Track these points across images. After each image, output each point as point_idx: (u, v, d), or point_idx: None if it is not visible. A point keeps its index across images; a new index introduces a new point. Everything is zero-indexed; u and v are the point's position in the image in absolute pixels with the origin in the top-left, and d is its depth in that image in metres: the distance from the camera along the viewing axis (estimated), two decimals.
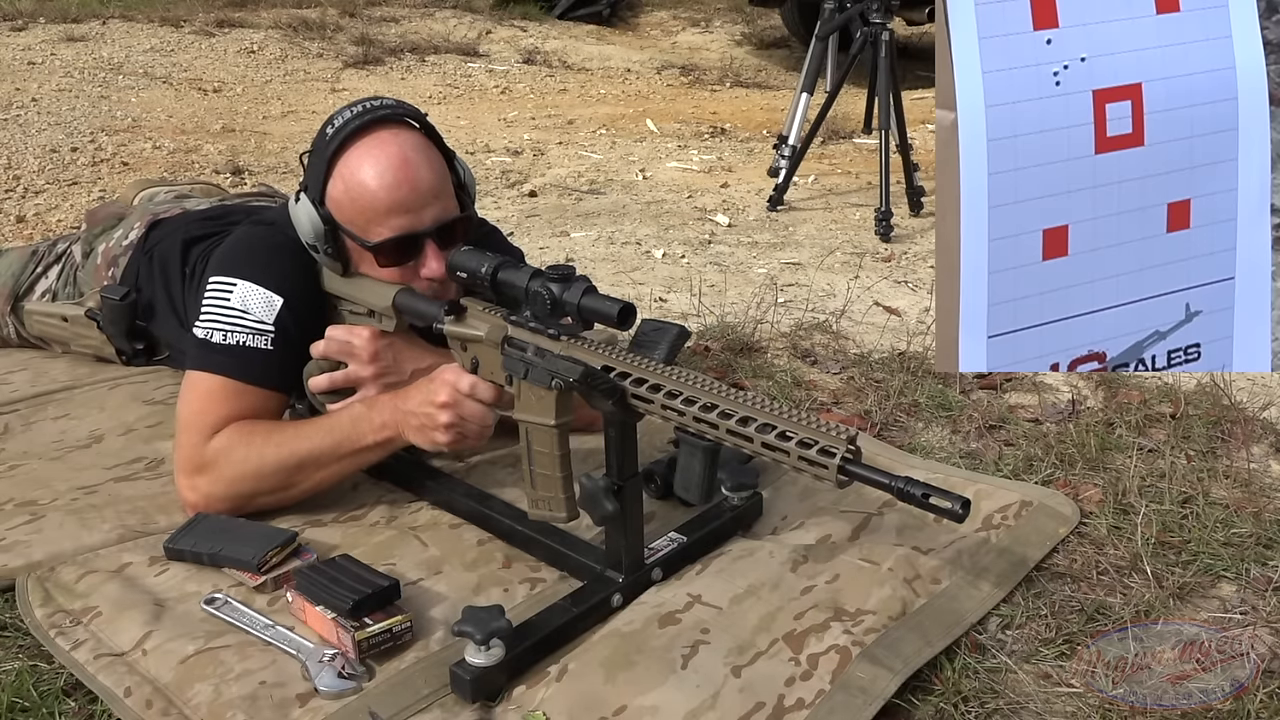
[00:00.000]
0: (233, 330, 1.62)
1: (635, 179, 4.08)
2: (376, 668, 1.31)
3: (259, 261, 1.67)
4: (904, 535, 1.60)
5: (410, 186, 1.57)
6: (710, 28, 7.82)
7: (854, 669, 1.30)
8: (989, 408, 2.08)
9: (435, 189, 1.60)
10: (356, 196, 1.58)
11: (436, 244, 1.60)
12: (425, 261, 1.61)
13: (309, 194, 1.62)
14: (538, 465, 1.46)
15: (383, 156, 1.57)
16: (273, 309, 1.63)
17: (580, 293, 1.39)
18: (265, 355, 1.63)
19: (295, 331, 1.65)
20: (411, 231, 1.59)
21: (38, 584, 1.47)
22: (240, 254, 1.70)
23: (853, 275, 2.94)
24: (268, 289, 1.64)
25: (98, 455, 1.84)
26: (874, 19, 3.44)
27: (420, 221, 1.59)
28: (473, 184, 1.73)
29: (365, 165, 1.57)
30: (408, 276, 1.62)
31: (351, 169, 1.58)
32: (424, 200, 1.58)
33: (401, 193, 1.56)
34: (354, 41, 6.28)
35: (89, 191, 3.58)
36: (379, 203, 1.56)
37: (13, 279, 2.22)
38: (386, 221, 1.57)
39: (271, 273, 1.65)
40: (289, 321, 1.64)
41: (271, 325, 1.63)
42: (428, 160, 1.61)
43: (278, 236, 1.71)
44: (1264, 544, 1.60)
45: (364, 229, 1.59)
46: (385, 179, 1.56)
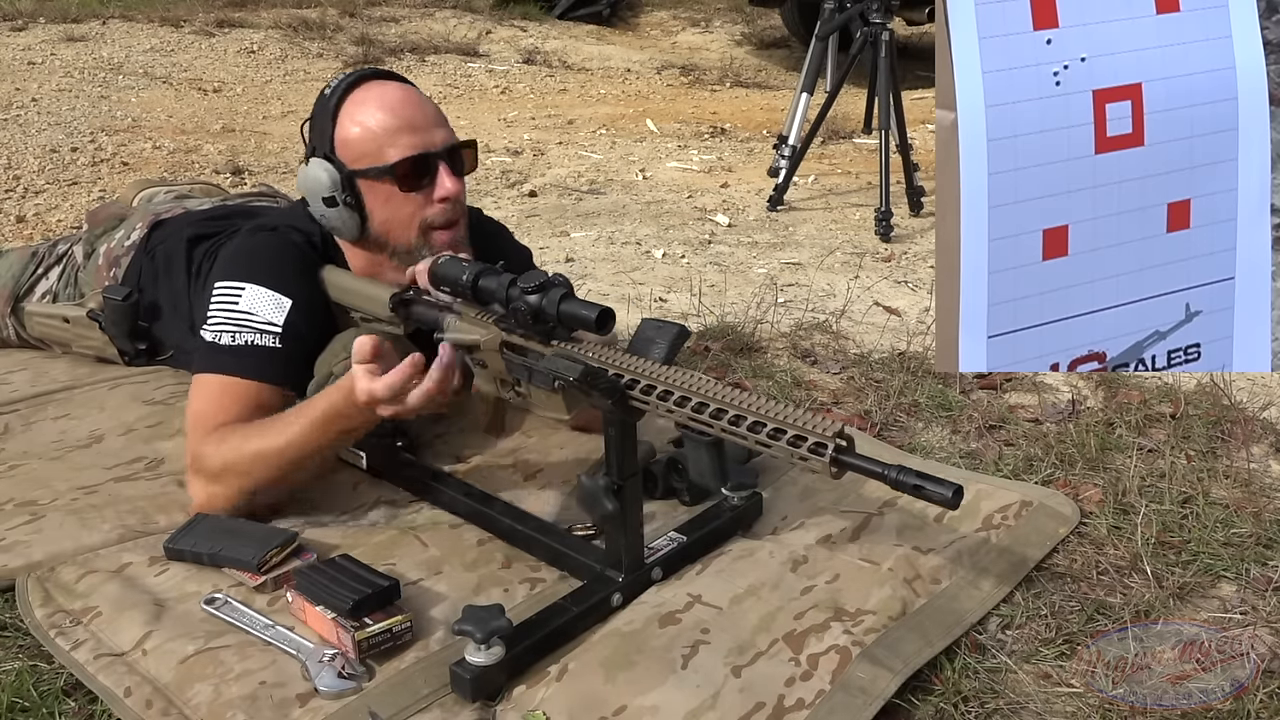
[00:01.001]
0: (240, 331, 1.64)
1: (635, 179, 4.08)
2: (376, 668, 1.31)
3: (265, 266, 1.69)
4: (904, 535, 1.60)
5: (418, 109, 1.67)
6: (710, 28, 7.83)
7: (854, 669, 1.30)
8: (989, 408, 2.08)
9: (440, 117, 1.70)
10: (367, 127, 1.65)
11: (449, 166, 1.66)
12: (439, 182, 1.66)
13: (318, 152, 1.68)
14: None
15: (385, 93, 1.67)
16: (282, 310, 1.66)
17: (558, 299, 1.39)
18: (272, 353, 1.64)
19: (306, 330, 1.67)
20: (425, 150, 1.65)
21: (38, 584, 1.47)
22: (246, 259, 1.72)
23: (853, 275, 2.94)
24: (276, 292, 1.66)
25: (98, 455, 1.84)
26: (874, 19, 3.44)
27: (432, 141, 1.66)
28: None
29: (369, 102, 1.66)
30: (424, 204, 1.66)
31: (357, 107, 1.66)
32: (432, 122, 1.67)
33: (409, 113, 1.65)
34: (354, 41, 6.28)
35: (89, 191, 3.59)
36: (389, 124, 1.64)
37: (13, 280, 2.22)
38: (398, 141, 1.64)
39: (279, 276, 1.68)
40: (298, 321, 1.66)
41: (280, 326, 1.65)
42: (420, 94, 1.72)
43: (283, 240, 1.74)
44: (1264, 544, 1.60)
45: (378, 155, 1.65)
46: (391, 105, 1.65)
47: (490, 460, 1.83)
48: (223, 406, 1.60)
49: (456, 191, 1.66)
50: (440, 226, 1.68)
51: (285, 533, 1.53)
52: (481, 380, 1.60)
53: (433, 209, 1.67)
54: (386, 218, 1.68)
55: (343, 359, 1.62)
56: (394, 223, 1.68)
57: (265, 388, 1.63)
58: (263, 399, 1.62)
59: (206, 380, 1.63)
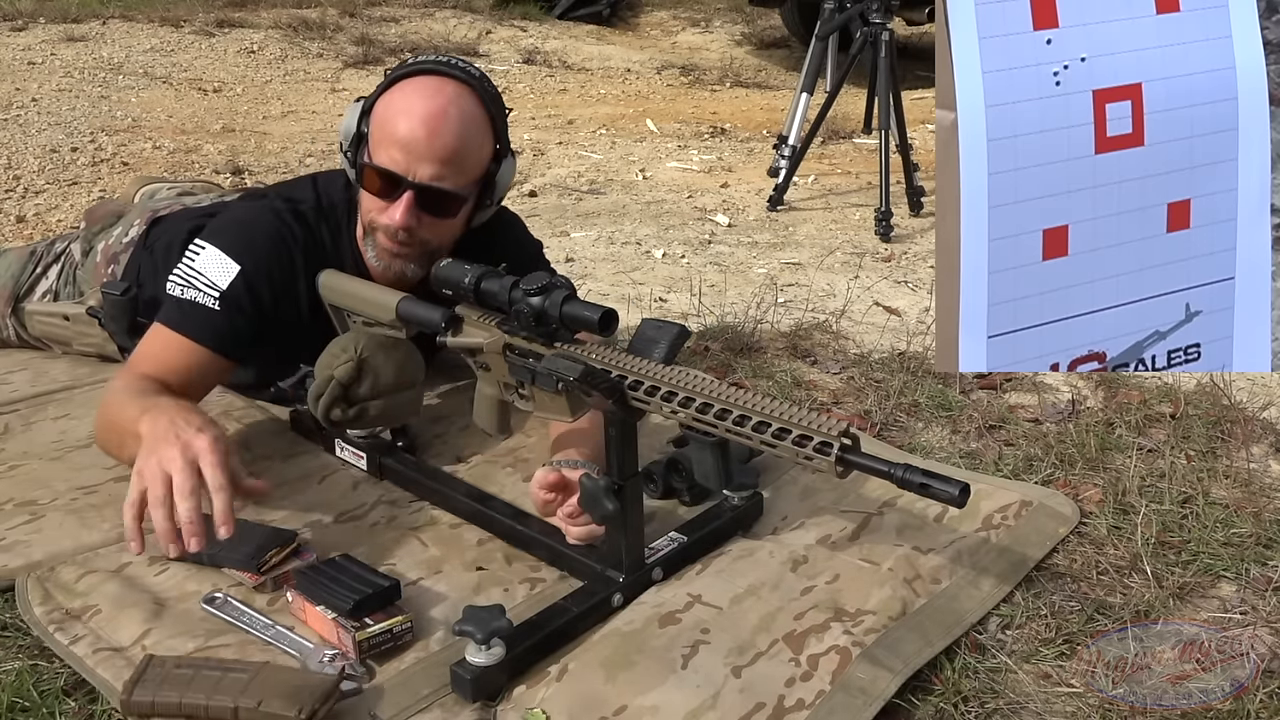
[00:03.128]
0: (187, 287, 1.68)
1: (635, 179, 4.08)
2: (376, 668, 1.31)
3: (229, 231, 1.73)
4: (904, 535, 1.60)
5: (426, 135, 1.59)
6: (710, 28, 7.83)
7: (854, 669, 1.30)
8: (989, 408, 2.08)
9: (447, 155, 1.61)
10: (386, 114, 1.64)
11: (415, 200, 1.62)
12: (394, 207, 1.63)
13: (365, 101, 1.69)
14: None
15: (427, 98, 1.61)
16: (228, 275, 1.68)
17: (560, 301, 1.39)
18: (210, 314, 1.67)
19: (247, 301, 1.69)
20: (400, 174, 1.61)
21: (37, 583, 1.47)
22: (220, 222, 1.78)
23: (853, 275, 2.94)
24: (228, 255, 1.69)
25: (98, 455, 1.83)
26: (874, 19, 3.44)
27: (412, 170, 1.61)
28: (505, 186, 1.76)
29: (410, 96, 1.62)
30: (380, 210, 1.66)
31: (397, 93, 1.64)
32: (429, 155, 1.60)
33: (415, 134, 1.60)
34: (354, 41, 6.28)
35: (89, 191, 3.59)
36: (394, 129, 1.61)
37: (12, 280, 2.22)
38: (389, 150, 1.61)
39: (238, 242, 1.70)
40: (240, 290, 1.68)
41: (221, 289, 1.67)
42: (463, 126, 1.62)
43: (262, 209, 1.77)
44: (1264, 544, 1.60)
45: (373, 146, 1.65)
46: (414, 115, 1.60)
47: (490, 460, 1.83)
48: (156, 354, 1.66)
49: (403, 224, 1.62)
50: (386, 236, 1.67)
51: (285, 533, 1.53)
52: (485, 383, 1.60)
53: (383, 219, 1.66)
54: (360, 194, 1.71)
55: (343, 361, 1.62)
56: (360, 201, 1.71)
57: (197, 348, 1.67)
58: (194, 358, 1.66)
59: (155, 327, 1.70)
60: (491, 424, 1.64)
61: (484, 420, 1.64)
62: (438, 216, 1.66)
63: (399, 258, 1.69)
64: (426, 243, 1.68)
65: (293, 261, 1.74)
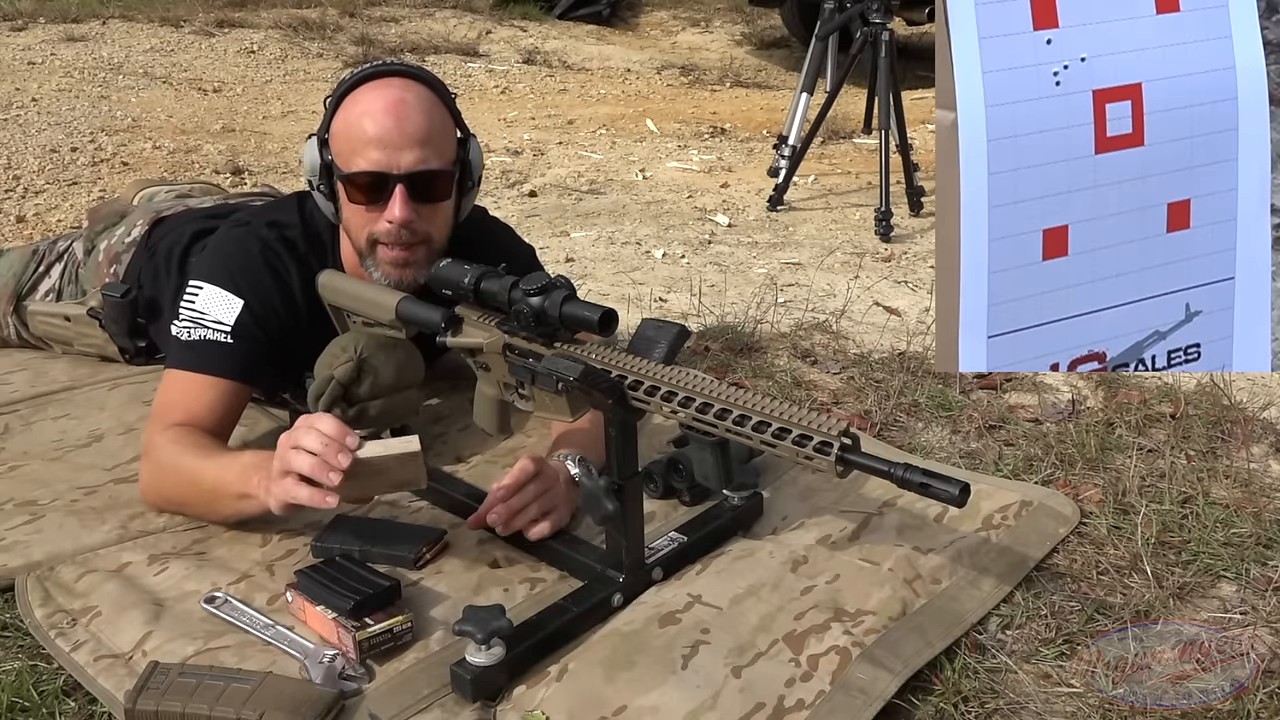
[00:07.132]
0: (195, 328, 1.68)
1: (635, 179, 4.08)
2: (377, 668, 1.31)
3: (224, 266, 1.73)
4: (904, 535, 1.60)
5: (396, 124, 1.60)
6: (710, 28, 7.83)
7: (854, 669, 1.30)
8: (989, 408, 2.08)
9: (422, 136, 1.61)
10: (346, 126, 1.63)
11: (406, 190, 1.61)
12: (390, 205, 1.62)
13: (317, 134, 1.69)
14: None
15: (381, 96, 1.62)
16: (232, 311, 1.68)
17: (560, 301, 1.39)
18: (222, 348, 1.67)
19: (257, 331, 1.69)
20: (384, 170, 1.60)
21: (37, 584, 1.47)
22: (210, 257, 1.77)
23: (853, 275, 2.94)
24: (228, 292, 1.69)
25: (98, 455, 1.84)
26: (874, 19, 3.44)
27: (395, 163, 1.60)
28: (479, 166, 1.75)
29: (363, 100, 1.63)
30: (373, 219, 1.64)
31: (352, 104, 1.64)
32: (406, 142, 1.60)
33: (385, 127, 1.59)
34: (354, 41, 6.28)
35: (89, 191, 3.59)
36: (362, 133, 1.60)
37: (14, 279, 2.22)
38: (364, 153, 1.60)
39: (234, 276, 1.70)
40: (248, 322, 1.68)
41: (229, 326, 1.67)
42: (425, 110, 1.63)
43: (249, 238, 1.76)
44: (1264, 544, 1.60)
45: (346, 160, 1.63)
46: (375, 113, 1.61)
47: (490, 460, 1.83)
48: (180, 400, 1.64)
49: (404, 219, 1.61)
50: (386, 244, 1.65)
51: (435, 530, 1.57)
52: (485, 383, 1.60)
53: (380, 226, 1.64)
54: (346, 219, 1.70)
55: (343, 361, 1.62)
56: (350, 226, 1.70)
57: (220, 381, 1.66)
58: (218, 392, 1.65)
59: (170, 374, 1.69)
60: (491, 424, 1.64)
61: (484, 420, 1.64)
62: (431, 202, 1.65)
63: (407, 266, 1.66)
64: (428, 237, 1.67)
65: (290, 287, 1.74)
